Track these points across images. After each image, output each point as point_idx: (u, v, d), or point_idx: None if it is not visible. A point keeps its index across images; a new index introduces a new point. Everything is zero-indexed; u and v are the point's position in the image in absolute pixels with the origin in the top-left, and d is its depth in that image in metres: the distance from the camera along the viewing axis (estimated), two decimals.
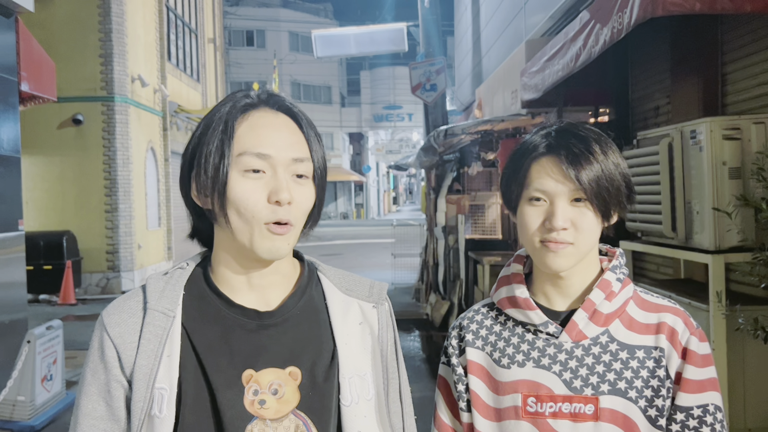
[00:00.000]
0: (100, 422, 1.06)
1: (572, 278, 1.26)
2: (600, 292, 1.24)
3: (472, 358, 1.32)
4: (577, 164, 1.19)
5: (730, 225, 3.10)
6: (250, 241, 1.07)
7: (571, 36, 4.38)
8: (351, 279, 1.24)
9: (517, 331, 1.30)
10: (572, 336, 1.24)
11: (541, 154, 1.24)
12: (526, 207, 1.24)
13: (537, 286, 1.31)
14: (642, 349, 1.22)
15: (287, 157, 1.08)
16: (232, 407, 1.05)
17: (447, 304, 8.75)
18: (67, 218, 11.91)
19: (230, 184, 1.06)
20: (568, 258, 1.21)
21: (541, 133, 1.27)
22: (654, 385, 1.20)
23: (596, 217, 1.21)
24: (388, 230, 16.23)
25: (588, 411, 1.20)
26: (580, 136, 1.24)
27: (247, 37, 39.25)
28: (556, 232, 1.20)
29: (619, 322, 1.24)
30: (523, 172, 1.25)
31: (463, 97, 15.94)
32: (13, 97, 5.99)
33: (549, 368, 1.23)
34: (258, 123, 1.10)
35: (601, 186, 1.19)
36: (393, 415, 1.20)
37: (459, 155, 9.50)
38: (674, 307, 1.26)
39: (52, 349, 5.31)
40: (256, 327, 1.11)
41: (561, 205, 1.20)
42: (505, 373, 1.27)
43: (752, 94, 3.96)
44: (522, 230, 1.26)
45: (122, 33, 12.13)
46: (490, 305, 1.38)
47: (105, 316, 1.10)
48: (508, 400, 1.25)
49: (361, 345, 1.17)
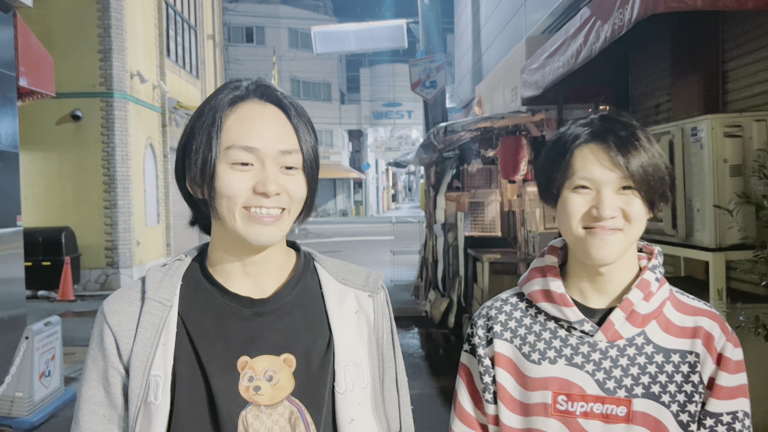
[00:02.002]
0: (99, 408, 1.09)
1: (611, 275, 1.22)
2: (639, 291, 1.20)
3: (499, 350, 1.28)
4: (625, 151, 1.16)
5: (731, 222, 3.09)
6: (234, 226, 1.08)
7: (572, 33, 4.36)
8: (347, 269, 1.24)
9: (548, 326, 1.26)
10: (608, 335, 1.20)
11: (584, 142, 1.20)
12: (571, 195, 1.20)
13: (572, 280, 1.27)
14: (677, 353, 1.20)
15: (275, 150, 1.09)
16: (227, 393, 1.06)
17: (446, 301, 8.75)
18: (65, 214, 11.90)
19: (218, 176, 1.08)
20: (615, 246, 1.17)
21: (581, 122, 1.23)
22: (687, 390, 1.18)
23: (643, 206, 1.18)
24: (387, 227, 16.23)
25: (620, 413, 1.18)
26: (625, 123, 1.20)
27: (247, 33, 39.19)
28: (603, 221, 1.16)
29: (656, 323, 1.22)
30: (566, 161, 1.20)
31: (462, 94, 15.93)
32: (12, 93, 5.96)
33: (582, 367, 1.21)
34: (246, 115, 1.10)
35: (648, 174, 1.16)
36: (388, 403, 1.21)
37: (459, 152, 9.49)
38: (711, 311, 1.23)
39: (51, 345, 5.30)
40: (250, 315, 1.12)
41: (608, 194, 1.16)
42: (535, 368, 1.24)
43: (753, 91, 3.95)
44: (564, 219, 1.21)
45: (121, 29, 12.10)
46: (520, 295, 1.33)
47: (105, 305, 1.13)
48: (537, 396, 1.23)
49: (357, 333, 1.18)
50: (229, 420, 1.05)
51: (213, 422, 1.06)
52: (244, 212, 1.08)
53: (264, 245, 1.10)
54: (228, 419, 1.05)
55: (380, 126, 46.15)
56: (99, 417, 1.09)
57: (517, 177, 7.49)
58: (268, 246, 1.11)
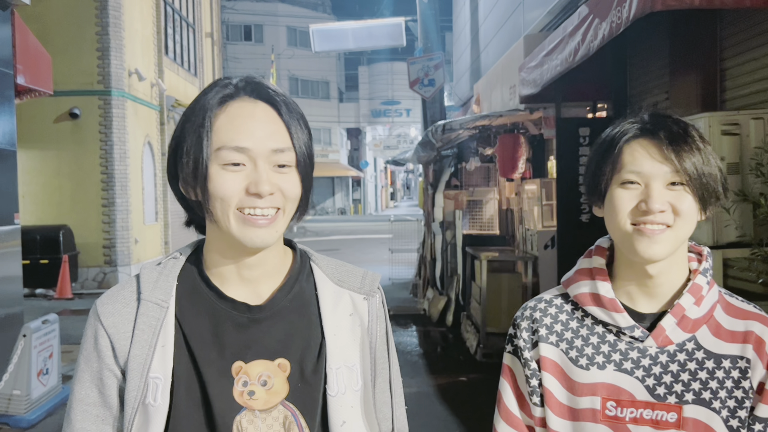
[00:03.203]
0: (92, 408, 1.09)
1: (661, 277, 1.19)
2: (690, 297, 1.18)
3: (545, 354, 1.25)
4: (676, 145, 1.14)
5: (728, 220, 3.09)
6: (229, 229, 1.07)
7: (570, 31, 4.36)
8: (344, 269, 1.23)
9: (596, 330, 1.23)
10: (658, 341, 1.19)
11: (634, 137, 1.17)
12: (618, 191, 1.17)
13: (620, 283, 1.24)
14: (728, 359, 1.18)
15: (266, 149, 1.07)
16: (221, 398, 1.06)
17: (444, 299, 8.75)
18: (63, 212, 11.88)
19: (210, 177, 1.06)
20: (664, 244, 1.14)
21: (630, 120, 1.21)
22: (738, 395, 1.17)
23: (695, 204, 1.15)
24: (385, 226, 16.23)
25: (671, 419, 1.16)
26: (677, 120, 1.19)
27: (245, 31, 39.13)
28: (652, 215, 1.13)
29: (707, 328, 1.19)
30: (614, 156, 1.18)
31: (461, 92, 15.93)
32: (9, 90, 5.95)
33: (631, 373, 1.19)
34: (235, 114, 1.08)
35: (700, 170, 1.13)
36: (381, 405, 1.21)
37: (457, 150, 9.49)
38: (762, 315, 1.21)
39: (48, 344, 5.30)
40: (246, 321, 1.11)
41: (657, 187, 1.14)
42: (583, 374, 1.22)
43: (751, 89, 3.95)
44: (611, 215, 1.19)
45: (119, 27, 12.08)
46: (565, 296, 1.30)
47: (99, 306, 1.11)
48: (586, 401, 1.21)
49: (350, 336, 1.17)
50: (224, 424, 1.05)
51: (209, 426, 1.06)
52: (238, 214, 1.06)
53: (259, 247, 1.09)
54: (223, 424, 1.05)
55: (379, 124, 46.13)
56: (92, 417, 1.09)
57: (515, 175, 7.50)
58: (263, 248, 1.10)
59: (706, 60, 4.38)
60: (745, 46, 4.03)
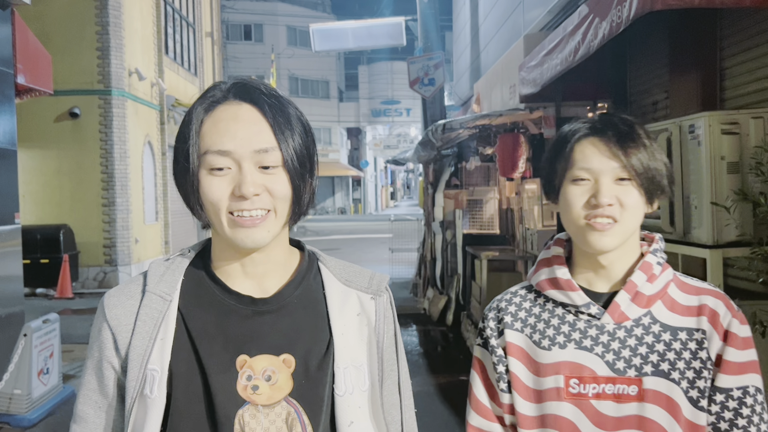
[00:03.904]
0: (92, 394, 1.13)
1: (614, 264, 1.26)
2: (642, 273, 1.25)
3: (511, 339, 1.32)
4: (623, 143, 1.21)
5: (728, 220, 3.09)
6: (223, 232, 1.09)
7: (570, 30, 4.37)
8: (351, 270, 1.23)
9: (557, 313, 1.30)
10: (614, 317, 1.24)
11: (584, 135, 1.25)
12: (570, 187, 1.25)
13: (577, 270, 1.31)
14: (684, 331, 1.23)
15: (249, 150, 1.06)
16: (224, 391, 1.06)
17: (444, 298, 8.76)
18: (64, 212, 11.88)
19: (200, 183, 1.08)
20: (613, 236, 1.21)
21: (581, 120, 1.29)
22: (696, 366, 1.21)
23: (641, 197, 1.22)
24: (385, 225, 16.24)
25: (632, 392, 1.21)
26: (625, 119, 1.26)
27: (245, 31, 39.12)
28: (601, 209, 1.20)
29: (661, 303, 1.25)
30: (566, 154, 1.26)
31: (461, 91, 15.93)
32: (9, 90, 5.95)
33: (591, 350, 1.24)
34: (220, 117, 1.09)
35: (646, 166, 1.21)
36: (389, 407, 1.20)
37: (457, 150, 9.48)
38: (715, 290, 1.27)
39: (49, 343, 5.30)
40: (251, 313, 1.12)
41: (606, 182, 1.21)
42: (546, 354, 1.27)
43: (751, 88, 3.96)
44: (565, 211, 1.26)
45: (119, 26, 12.08)
46: (528, 288, 1.38)
47: (106, 299, 1.15)
48: (550, 381, 1.26)
49: (358, 336, 1.17)
50: (225, 418, 1.05)
51: (210, 419, 1.06)
52: (230, 217, 1.07)
53: (253, 248, 1.09)
54: (225, 417, 1.05)
55: (379, 124, 46.12)
56: (92, 402, 1.13)
57: (515, 174, 7.50)
58: (259, 247, 1.10)
59: (706, 59, 4.38)
60: (745, 45, 4.03)
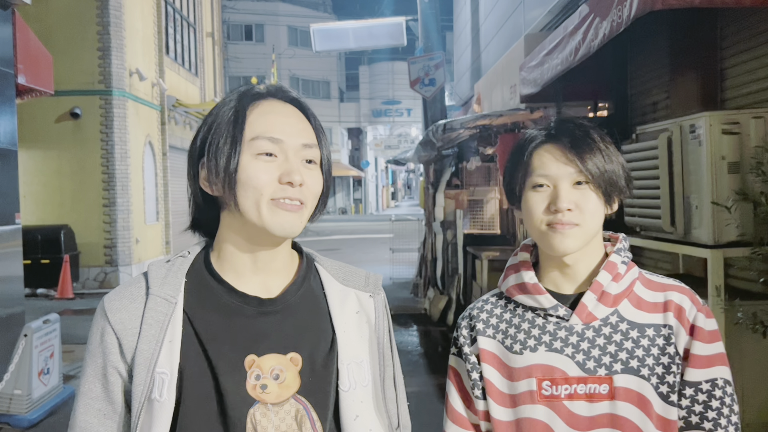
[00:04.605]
0: (95, 402, 1.11)
1: (578, 264, 1.29)
2: (607, 273, 1.27)
3: (483, 346, 1.34)
4: (578, 148, 1.24)
5: (728, 219, 3.09)
6: (260, 218, 1.10)
7: (570, 30, 4.37)
8: (347, 270, 1.27)
9: (527, 317, 1.32)
10: (582, 318, 1.26)
11: (542, 142, 1.28)
12: (530, 194, 1.27)
13: (544, 273, 1.33)
14: (651, 327, 1.25)
15: (298, 143, 1.13)
16: (234, 391, 1.08)
17: (445, 298, 8.75)
18: (64, 212, 11.89)
19: (242, 166, 1.10)
20: (575, 239, 1.24)
21: (539, 127, 1.33)
22: (664, 362, 1.23)
23: (599, 200, 1.25)
24: (386, 225, 16.22)
25: (603, 391, 1.23)
26: (580, 124, 1.29)
27: (246, 31, 39.12)
28: (561, 214, 1.23)
29: (628, 301, 1.27)
30: (525, 162, 1.29)
31: (461, 91, 15.93)
32: (10, 90, 5.96)
33: (561, 351, 1.26)
34: (268, 110, 1.15)
35: (602, 169, 1.24)
36: (388, 401, 1.25)
37: (457, 150, 9.48)
38: (680, 286, 1.29)
39: (49, 343, 5.30)
40: (257, 314, 1.14)
41: (564, 187, 1.24)
42: (518, 358, 1.29)
43: (751, 88, 3.95)
44: (527, 217, 1.29)
45: (120, 26, 12.08)
46: (499, 295, 1.40)
47: (106, 302, 1.13)
48: (523, 385, 1.27)
49: (358, 333, 1.21)
50: (237, 418, 1.06)
51: (221, 420, 1.07)
52: (270, 203, 1.10)
53: (286, 235, 1.12)
54: (236, 417, 1.06)
55: (379, 124, 46.12)
56: (95, 411, 1.11)
57: None
58: (288, 236, 1.13)
59: (707, 59, 4.38)
60: (746, 45, 4.03)
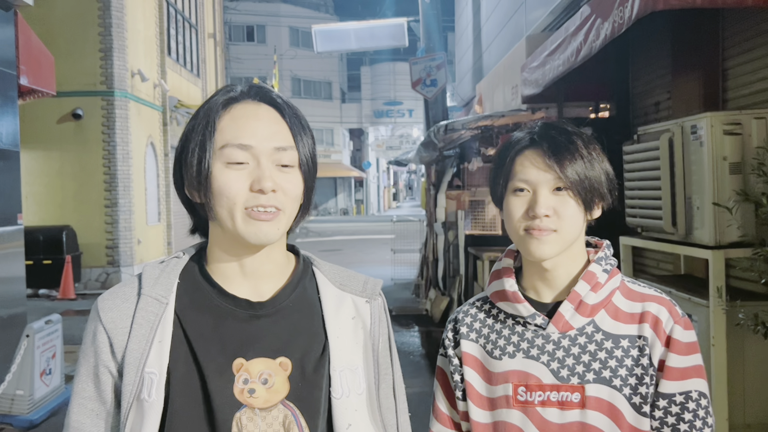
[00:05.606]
0: (88, 402, 1.11)
1: (558, 269, 1.29)
2: (585, 283, 1.27)
3: (466, 349, 1.36)
4: (558, 154, 1.24)
5: (730, 220, 3.09)
6: (234, 227, 1.09)
7: (572, 31, 4.37)
8: (345, 274, 1.25)
9: (508, 324, 1.34)
10: (559, 327, 1.27)
11: (524, 147, 1.29)
12: (511, 198, 1.28)
13: (527, 279, 1.34)
14: (626, 338, 1.25)
15: (269, 147, 1.10)
16: (221, 395, 1.07)
17: (446, 299, 8.75)
18: (66, 213, 11.90)
19: (213, 175, 1.08)
20: (552, 245, 1.24)
21: (525, 131, 1.33)
22: (638, 373, 1.23)
23: (578, 206, 1.25)
24: (387, 226, 16.23)
25: (575, 399, 1.24)
26: (562, 130, 1.29)
27: (248, 32, 39.17)
28: (539, 219, 1.23)
29: (605, 312, 1.28)
30: (507, 166, 1.30)
31: (463, 92, 15.93)
32: (12, 91, 5.97)
33: (537, 358, 1.28)
34: (239, 114, 1.11)
35: (581, 176, 1.24)
36: (385, 410, 1.21)
37: (459, 151, 9.47)
38: (659, 296, 1.29)
39: (51, 344, 5.31)
40: (247, 317, 1.12)
41: (543, 193, 1.24)
42: (498, 364, 1.32)
43: (753, 89, 3.95)
44: (507, 221, 1.30)
45: (122, 27, 12.10)
46: (484, 299, 1.42)
47: (99, 302, 1.14)
48: (500, 389, 1.30)
49: (353, 339, 1.18)
50: (223, 421, 1.06)
51: (208, 422, 1.06)
52: (244, 212, 1.08)
53: (263, 243, 1.10)
54: (222, 420, 1.06)
55: (381, 125, 46.14)
56: (87, 411, 1.10)
57: None
58: (266, 245, 1.11)
59: (708, 59, 4.37)
60: (748, 45, 4.03)
